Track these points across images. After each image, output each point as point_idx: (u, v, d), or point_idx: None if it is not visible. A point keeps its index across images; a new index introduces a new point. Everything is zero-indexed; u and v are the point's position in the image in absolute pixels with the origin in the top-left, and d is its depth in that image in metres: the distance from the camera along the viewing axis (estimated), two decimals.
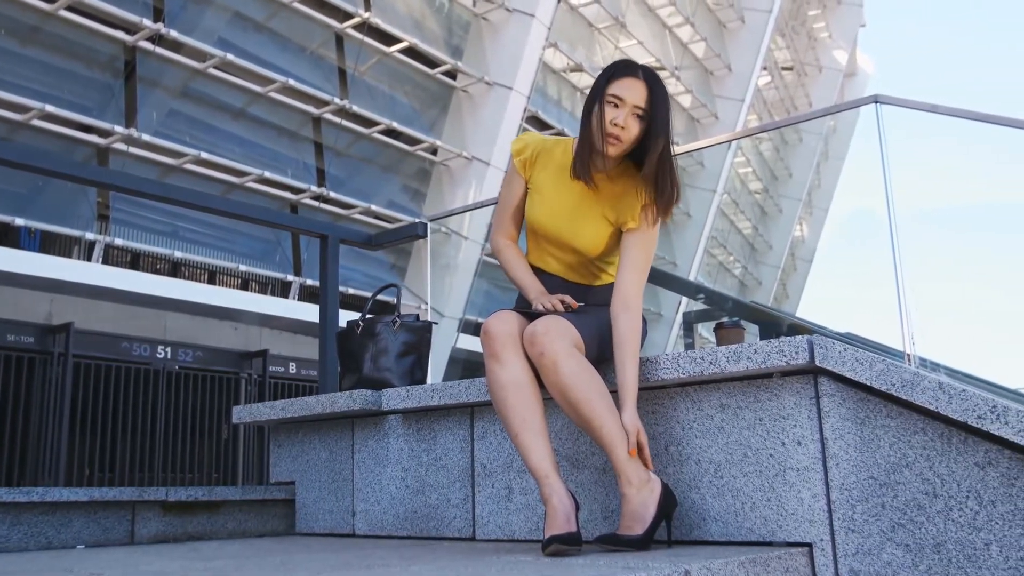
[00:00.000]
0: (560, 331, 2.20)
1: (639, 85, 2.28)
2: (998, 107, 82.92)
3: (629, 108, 2.27)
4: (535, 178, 2.51)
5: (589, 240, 2.43)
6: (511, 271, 2.57)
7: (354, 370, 3.19)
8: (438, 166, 14.46)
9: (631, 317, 2.30)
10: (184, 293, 10.42)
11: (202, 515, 3.23)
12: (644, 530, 2.11)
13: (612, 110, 2.27)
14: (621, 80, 2.28)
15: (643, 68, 2.32)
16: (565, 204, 2.45)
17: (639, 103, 2.27)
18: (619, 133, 2.27)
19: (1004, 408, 1.87)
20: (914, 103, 3.68)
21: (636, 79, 2.28)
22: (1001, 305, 22.66)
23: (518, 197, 2.55)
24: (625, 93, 2.27)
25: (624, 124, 2.26)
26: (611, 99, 2.27)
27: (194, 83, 11.52)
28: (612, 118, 2.26)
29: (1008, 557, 1.87)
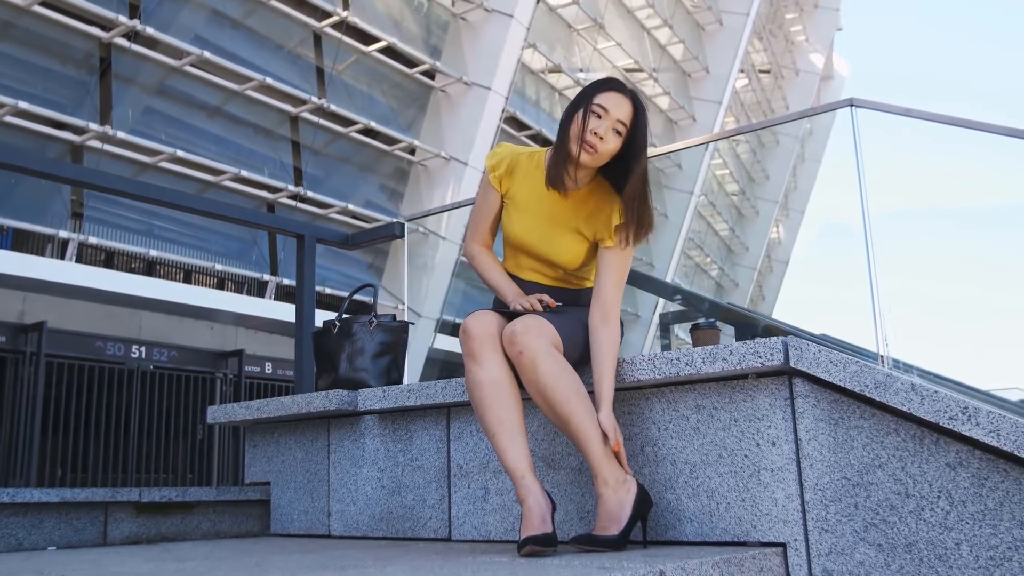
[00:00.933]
0: (539, 330, 2.21)
1: (625, 102, 2.29)
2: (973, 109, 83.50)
3: (611, 121, 2.27)
4: (510, 191, 2.51)
5: (566, 254, 2.43)
6: (487, 276, 2.58)
7: (330, 370, 3.18)
8: (416, 166, 14.43)
9: (610, 332, 2.32)
10: (159, 292, 10.34)
11: (176, 516, 3.20)
12: (620, 530, 2.11)
13: (595, 120, 2.27)
14: (609, 93, 2.29)
15: (630, 89, 2.33)
16: (540, 218, 2.45)
17: (622, 119, 2.28)
18: (597, 143, 2.27)
19: (975, 409, 1.89)
20: (889, 107, 3.72)
21: (624, 96, 2.29)
22: (974, 308, 22.82)
23: (494, 210, 2.56)
24: (610, 106, 2.27)
25: (603, 136, 2.26)
26: (596, 109, 2.27)
27: (170, 80, 11.43)
28: (593, 127, 2.26)
29: (978, 556, 1.89)
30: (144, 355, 10.35)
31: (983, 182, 67.46)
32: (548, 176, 2.37)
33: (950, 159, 67.59)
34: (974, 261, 33.94)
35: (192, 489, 3.26)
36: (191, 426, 10.50)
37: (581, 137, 2.27)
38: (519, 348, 2.19)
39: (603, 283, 2.37)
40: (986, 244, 26.51)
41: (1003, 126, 3.44)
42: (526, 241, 2.47)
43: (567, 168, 2.34)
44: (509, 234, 2.51)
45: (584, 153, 2.28)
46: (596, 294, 2.37)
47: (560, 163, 2.34)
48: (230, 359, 11.22)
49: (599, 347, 2.29)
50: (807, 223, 30.75)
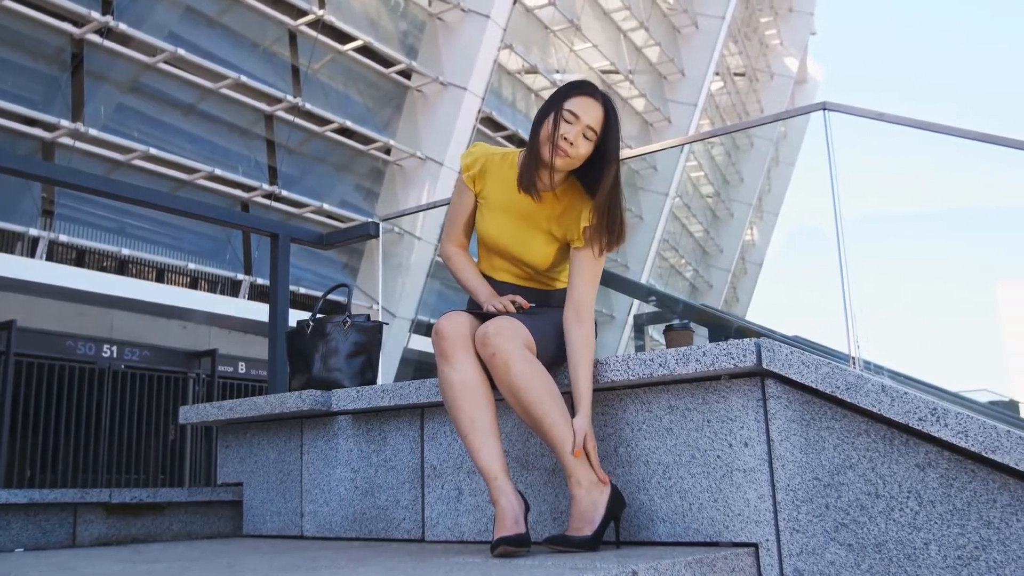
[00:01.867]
0: (512, 332, 2.21)
1: (596, 107, 2.28)
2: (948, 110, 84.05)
3: (582, 127, 2.27)
4: (484, 191, 2.51)
5: (538, 255, 2.44)
6: (461, 276, 2.58)
7: (304, 370, 3.17)
8: (391, 166, 14.39)
9: (585, 331, 2.31)
10: (131, 291, 10.25)
11: (147, 517, 3.17)
12: (593, 531, 2.12)
13: (565, 125, 2.26)
14: (580, 98, 2.28)
15: (603, 94, 2.32)
16: (513, 219, 2.45)
17: (593, 124, 2.27)
18: (568, 148, 2.26)
19: (944, 411, 1.91)
20: (861, 110, 3.75)
21: (594, 101, 2.28)
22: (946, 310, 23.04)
23: (468, 209, 2.56)
24: (581, 111, 2.27)
25: (574, 141, 2.26)
26: (566, 115, 2.27)
27: (144, 78, 11.33)
28: (564, 132, 2.26)
29: (946, 556, 1.91)
30: (115, 354, 10.24)
31: (955, 185, 68.12)
32: (520, 180, 2.38)
33: (924, 161, 68.29)
34: (946, 263, 34.24)
35: (163, 490, 3.23)
36: (163, 426, 10.40)
37: (552, 142, 2.27)
38: (492, 350, 2.19)
39: (576, 283, 2.37)
40: (958, 246, 26.72)
41: (973, 131, 3.48)
42: (499, 242, 2.47)
43: (539, 172, 2.34)
44: (483, 235, 2.52)
45: (556, 158, 2.28)
46: (569, 294, 2.37)
47: (532, 167, 2.34)
48: (203, 359, 11.13)
49: (574, 347, 2.29)
50: (781, 225, 30.99)
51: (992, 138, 3.42)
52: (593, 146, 2.30)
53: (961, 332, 19.97)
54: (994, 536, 1.87)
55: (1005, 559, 1.85)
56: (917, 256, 16.24)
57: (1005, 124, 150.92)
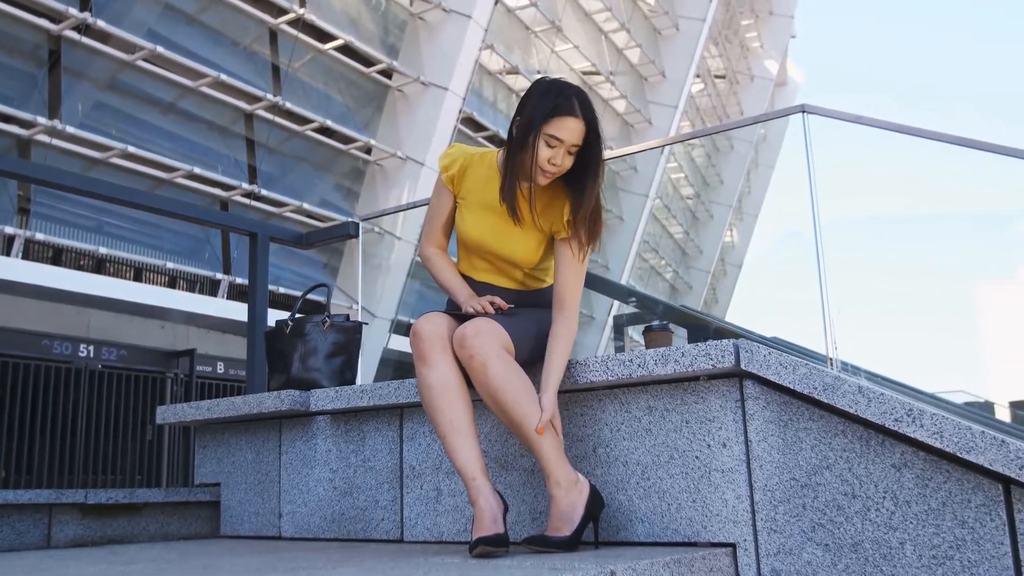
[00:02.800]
0: (490, 333, 2.21)
1: (578, 126, 2.25)
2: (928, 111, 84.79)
3: (566, 147, 2.26)
4: (463, 192, 2.51)
5: (521, 251, 2.44)
6: (440, 277, 2.58)
7: (282, 370, 3.15)
8: (372, 165, 14.36)
9: (567, 319, 2.34)
10: (109, 290, 10.16)
11: (123, 518, 3.15)
12: (572, 531, 2.12)
13: (547, 150, 2.25)
14: (560, 120, 2.23)
15: (581, 104, 2.27)
16: (494, 217, 2.45)
17: (576, 142, 2.27)
18: (554, 171, 2.28)
19: (920, 411, 1.92)
20: (840, 113, 3.77)
21: (576, 119, 2.25)
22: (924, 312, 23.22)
23: (447, 210, 2.56)
24: (564, 134, 2.24)
25: (560, 163, 2.27)
26: (548, 139, 2.24)
27: (122, 75, 11.25)
28: (549, 157, 2.25)
29: (921, 555, 1.92)
30: (92, 354, 10.16)
31: (934, 186, 68.76)
32: (502, 193, 2.36)
33: (903, 164, 68.83)
34: (924, 265, 34.51)
35: (140, 490, 3.21)
36: (140, 427, 10.32)
37: (535, 166, 2.27)
38: (469, 351, 2.18)
39: (562, 277, 2.38)
40: (936, 248, 26.94)
41: (949, 135, 3.51)
42: (480, 241, 2.47)
43: (521, 186, 2.34)
44: (463, 235, 2.51)
45: (541, 178, 2.29)
46: (556, 288, 2.38)
47: (514, 181, 2.33)
48: (181, 359, 11.05)
49: (555, 333, 2.31)
50: (760, 227, 31.17)
51: (968, 142, 3.45)
52: (576, 159, 2.30)
53: (938, 334, 20.14)
54: (968, 536, 1.88)
55: (979, 558, 1.86)
56: (895, 258, 16.41)
57: (987, 123, 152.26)
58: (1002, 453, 1.83)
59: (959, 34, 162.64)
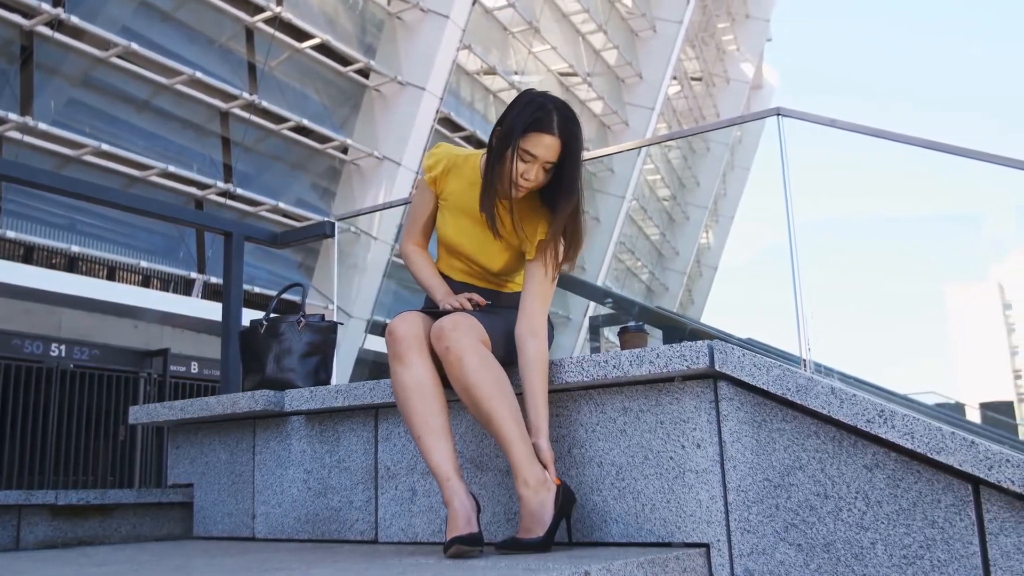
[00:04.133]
0: (467, 327, 2.21)
1: (553, 143, 2.22)
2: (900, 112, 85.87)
3: (540, 163, 2.25)
4: (446, 193, 2.51)
5: (499, 263, 2.46)
6: (418, 274, 2.58)
7: (257, 370, 3.13)
8: (348, 165, 14.31)
9: (539, 344, 2.30)
10: (81, 289, 10.06)
11: (94, 519, 3.12)
12: (544, 532, 2.12)
13: (522, 164, 2.24)
14: (537, 136, 2.21)
15: (562, 121, 2.24)
16: (472, 223, 2.45)
17: (550, 159, 2.24)
18: (527, 185, 2.27)
19: (891, 412, 1.94)
20: (814, 117, 3.80)
21: (552, 136, 2.22)
22: (895, 315, 23.48)
23: (429, 209, 2.57)
24: (538, 151, 2.22)
25: (532, 178, 2.25)
26: (523, 153, 2.23)
27: (96, 72, 11.14)
28: (523, 172, 2.24)
29: (892, 555, 1.94)
30: (64, 353, 10.05)
31: (909, 188, 69.57)
32: (482, 204, 2.34)
33: (878, 166, 69.71)
34: (897, 268, 34.74)
35: (112, 491, 3.18)
36: (113, 427, 10.23)
37: (511, 179, 2.25)
38: (446, 343, 2.18)
39: (529, 294, 2.36)
40: (909, 251, 27.13)
41: (922, 139, 3.55)
42: (460, 245, 2.48)
43: (498, 200, 2.34)
44: (442, 236, 2.52)
45: (515, 191, 2.28)
46: (522, 306, 2.35)
47: (492, 193, 2.32)
48: (155, 358, 10.96)
49: (528, 360, 2.27)
50: (736, 229, 31.34)
51: (939, 145, 3.49)
52: (551, 173, 2.28)
53: (911, 336, 20.31)
54: (938, 535, 1.90)
55: (949, 558, 1.88)
56: (869, 260, 16.56)
57: (961, 122, 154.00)
58: (971, 454, 1.85)
59: (932, 36, 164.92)
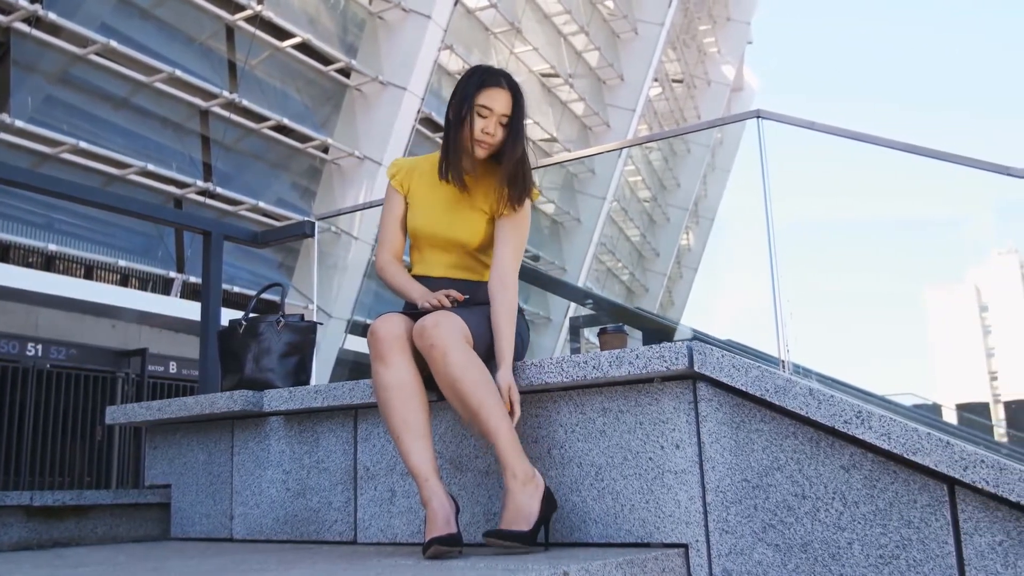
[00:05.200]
0: (450, 324, 2.22)
1: (505, 95, 2.44)
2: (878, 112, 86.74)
3: (497, 117, 2.43)
4: (412, 190, 2.61)
5: (468, 231, 2.52)
6: (394, 282, 2.59)
7: (235, 370, 3.12)
8: (329, 165, 14.26)
9: (509, 296, 2.40)
10: (58, 288, 9.97)
11: (70, 520, 3.09)
12: (530, 527, 2.11)
13: (481, 120, 2.42)
14: (489, 91, 2.43)
15: (506, 77, 2.48)
16: (441, 205, 2.55)
17: (506, 112, 2.44)
18: (489, 140, 2.43)
19: (868, 413, 1.95)
20: (794, 119, 3.82)
21: (503, 89, 2.44)
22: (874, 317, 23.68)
23: (400, 212, 2.63)
24: (494, 104, 2.42)
25: (493, 132, 2.42)
26: (480, 109, 2.42)
27: (74, 69, 11.05)
28: (483, 127, 2.42)
29: (868, 555, 1.95)
30: (41, 353, 9.96)
31: (888, 189, 70.11)
32: (443, 171, 2.50)
33: (857, 168, 70.24)
34: (876, 270, 35.01)
35: (88, 492, 3.15)
36: (90, 427, 10.15)
37: (473, 138, 2.43)
38: (430, 340, 2.19)
39: (500, 253, 2.47)
40: (888, 253, 27.31)
41: (900, 142, 3.57)
42: (432, 229, 2.54)
43: (462, 162, 2.49)
44: (415, 228, 2.57)
45: (479, 150, 2.45)
46: (494, 264, 2.46)
47: (456, 159, 2.48)
48: (132, 358, 10.88)
49: (497, 309, 2.37)
50: (716, 230, 31.44)
51: (918, 149, 3.52)
52: (507, 131, 2.45)
53: (890, 337, 20.45)
54: (914, 535, 1.92)
55: (924, 557, 1.90)
56: (848, 261, 16.68)
57: (941, 123, 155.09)
58: (947, 454, 1.86)
59: (916, 38, 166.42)
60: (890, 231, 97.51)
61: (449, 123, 2.49)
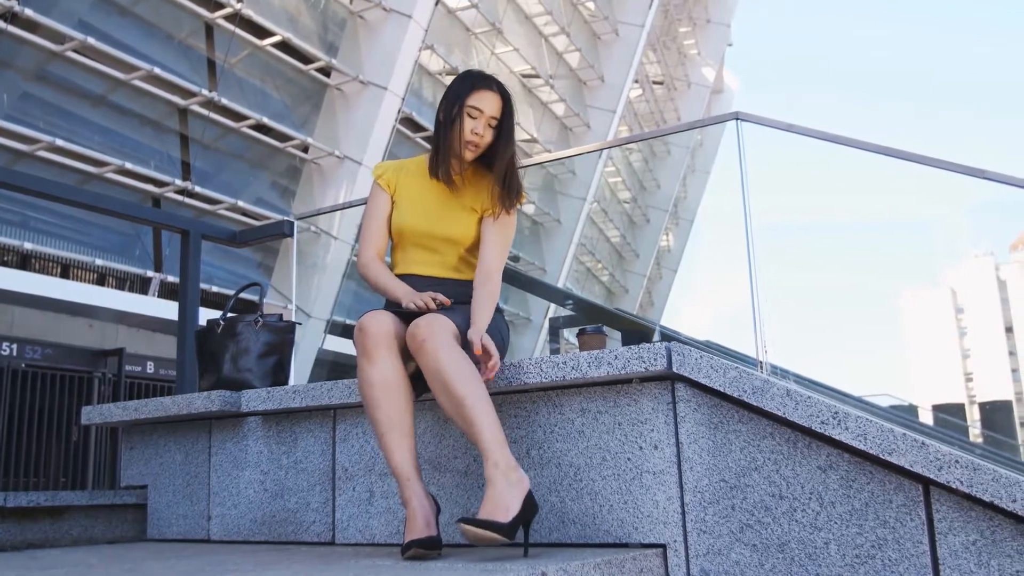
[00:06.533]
0: (442, 325, 2.22)
1: (495, 98, 2.49)
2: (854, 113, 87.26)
3: (486, 119, 2.48)
4: (398, 188, 2.63)
5: (461, 229, 2.54)
6: (378, 281, 2.57)
7: (213, 370, 3.10)
8: (309, 164, 14.20)
9: (491, 287, 2.44)
10: (34, 287, 9.88)
11: (44, 521, 3.06)
12: (510, 520, 2.00)
13: (471, 121, 2.47)
14: (480, 93, 2.48)
15: (497, 82, 2.54)
16: (432, 202, 2.58)
17: (495, 114, 2.49)
18: (477, 141, 2.49)
19: (844, 414, 1.97)
20: (772, 122, 3.84)
21: (493, 92, 2.50)
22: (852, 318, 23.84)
23: (385, 210, 2.64)
24: (484, 105, 2.47)
25: (481, 133, 2.48)
26: (470, 111, 2.47)
27: (51, 66, 10.95)
28: (472, 128, 2.47)
29: (845, 555, 1.97)
30: (16, 353, 9.86)
31: (867, 190, 70.69)
32: (434, 171, 2.55)
33: (836, 171, 70.89)
34: (854, 272, 35.29)
35: (63, 493, 3.12)
36: (66, 428, 10.05)
37: (462, 139, 2.48)
38: (423, 337, 2.18)
39: (486, 252, 2.51)
40: (866, 255, 27.54)
41: (877, 145, 3.60)
42: (423, 226, 2.55)
43: (451, 162, 2.54)
44: (402, 226, 2.57)
45: (468, 152, 2.50)
46: (480, 262, 2.50)
47: (446, 159, 2.53)
48: (109, 358, 10.79)
49: (479, 294, 2.41)
50: (696, 231, 31.56)
51: (895, 152, 3.54)
52: (495, 134, 2.51)
53: (867, 339, 20.61)
54: (890, 535, 1.93)
55: (899, 557, 1.91)
56: (827, 263, 16.80)
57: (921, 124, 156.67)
58: (922, 455, 1.88)
59: (891, 39, 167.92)
60: (867, 232, 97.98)
61: (439, 124, 2.53)
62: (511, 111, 2.52)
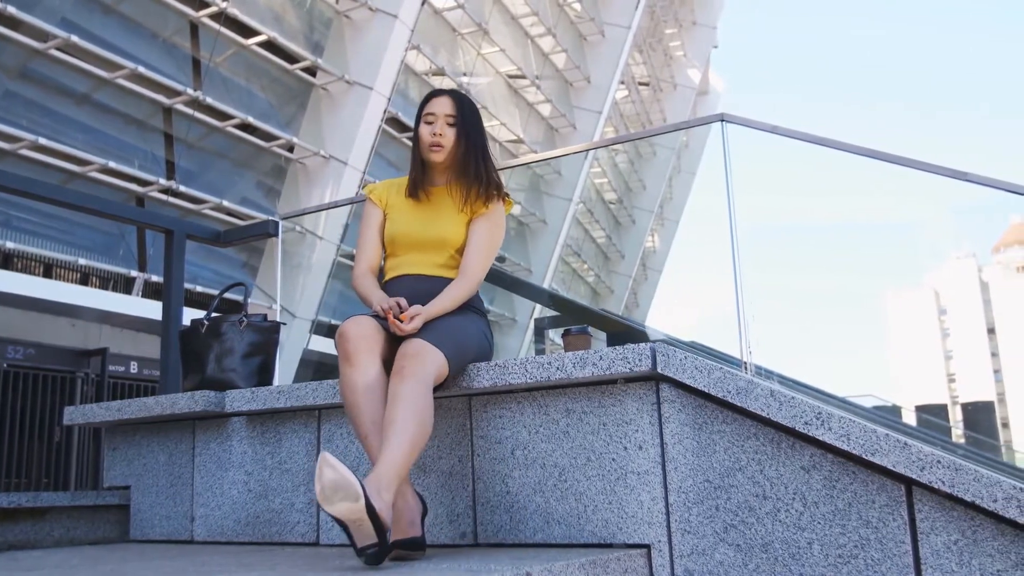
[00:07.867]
0: (432, 359, 2.22)
1: (446, 100, 2.61)
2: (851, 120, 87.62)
3: (442, 119, 2.58)
4: (390, 203, 2.69)
5: (452, 230, 2.57)
6: (363, 293, 2.60)
7: (197, 370, 3.09)
8: (294, 164, 14.15)
9: (462, 285, 2.47)
10: (16, 286, 9.80)
11: (26, 523, 3.04)
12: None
13: (427, 127, 2.59)
14: (431, 101, 2.63)
15: (448, 90, 2.68)
16: (423, 210, 2.63)
17: (449, 112, 2.58)
18: (439, 140, 2.57)
19: (828, 415, 1.98)
20: (757, 123, 3.85)
21: (443, 96, 2.63)
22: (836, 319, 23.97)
23: (378, 223, 2.69)
24: (435, 108, 2.59)
25: (441, 132, 2.57)
26: (426, 117, 2.60)
27: (34, 64, 10.87)
28: (431, 131, 2.58)
29: (828, 555, 1.98)
30: None
31: (852, 191, 71.02)
32: (411, 188, 2.63)
33: (821, 172, 71.21)
34: (838, 274, 35.46)
35: (45, 494, 3.10)
36: (48, 428, 9.98)
37: (425, 144, 2.59)
38: (405, 363, 2.19)
39: (467, 251, 2.55)
40: (850, 257, 27.64)
41: (860, 146, 3.62)
42: (412, 232, 2.59)
43: (428, 176, 2.65)
44: (394, 233, 2.61)
45: (433, 154, 2.58)
46: (462, 262, 2.54)
47: (419, 173, 2.64)
48: (93, 358, 10.71)
49: (446, 288, 2.46)
50: (681, 232, 31.65)
51: (877, 154, 3.56)
52: (457, 132, 2.58)
53: (851, 340, 20.69)
54: (872, 535, 1.94)
55: (882, 556, 1.92)
56: (812, 264, 16.88)
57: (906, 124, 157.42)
58: (905, 455, 1.89)
59: (876, 39, 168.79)
60: (851, 233, 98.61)
61: (412, 146, 2.66)
62: (470, 110, 2.62)
